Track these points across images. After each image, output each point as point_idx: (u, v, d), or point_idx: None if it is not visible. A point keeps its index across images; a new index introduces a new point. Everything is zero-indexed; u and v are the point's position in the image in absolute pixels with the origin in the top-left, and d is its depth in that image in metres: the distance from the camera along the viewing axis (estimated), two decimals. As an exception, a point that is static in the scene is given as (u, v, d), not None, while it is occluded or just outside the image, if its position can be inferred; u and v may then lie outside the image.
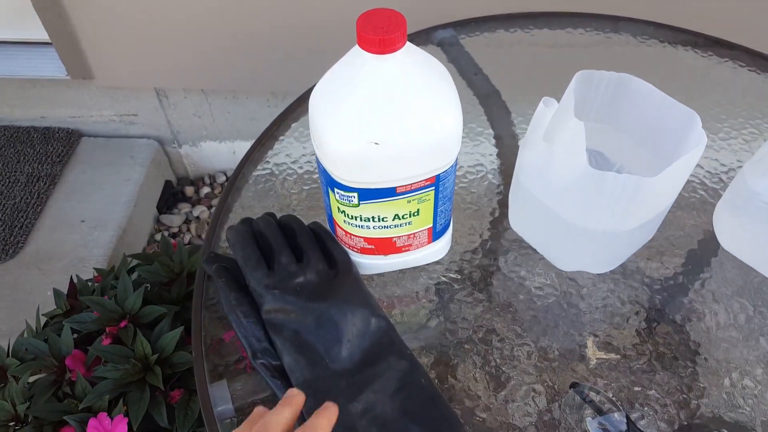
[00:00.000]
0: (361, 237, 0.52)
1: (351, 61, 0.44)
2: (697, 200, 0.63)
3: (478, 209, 0.63)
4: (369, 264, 0.55)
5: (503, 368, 0.51)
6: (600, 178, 0.46)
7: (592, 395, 0.48)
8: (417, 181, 0.47)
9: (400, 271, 0.57)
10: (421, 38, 0.82)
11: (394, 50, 0.42)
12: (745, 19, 0.97)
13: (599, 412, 0.47)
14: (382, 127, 0.44)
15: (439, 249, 0.56)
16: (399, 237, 0.52)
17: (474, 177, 0.66)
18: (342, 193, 0.48)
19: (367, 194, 0.48)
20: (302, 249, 0.53)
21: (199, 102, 1.27)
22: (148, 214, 1.29)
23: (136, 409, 0.64)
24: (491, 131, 0.71)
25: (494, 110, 0.74)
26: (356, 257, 0.55)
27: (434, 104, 0.45)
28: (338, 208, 0.50)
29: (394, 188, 0.47)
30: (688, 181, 0.65)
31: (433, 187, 0.49)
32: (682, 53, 0.79)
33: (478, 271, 0.58)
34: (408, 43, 0.43)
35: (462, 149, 0.68)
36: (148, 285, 0.77)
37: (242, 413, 0.49)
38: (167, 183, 1.37)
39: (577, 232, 0.51)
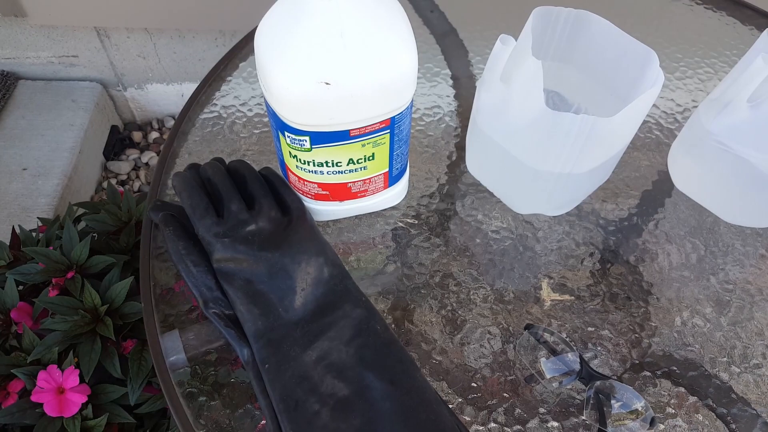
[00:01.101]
0: (315, 183, 0.50)
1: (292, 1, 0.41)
2: (653, 141, 0.63)
3: (435, 153, 0.62)
4: (324, 210, 0.54)
5: (459, 312, 0.51)
6: (557, 119, 0.45)
7: (546, 336, 0.48)
8: (371, 124, 0.45)
9: (357, 217, 0.56)
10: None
11: (342, -17, 0.39)
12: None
13: (553, 352, 0.48)
14: (333, 65, 0.41)
15: (395, 194, 0.55)
16: (354, 182, 0.51)
17: (431, 119, 0.65)
18: (293, 137, 0.46)
19: (320, 138, 0.45)
20: (253, 196, 0.51)
21: (143, 42, 1.20)
22: (94, 161, 1.23)
23: (87, 360, 0.63)
24: (448, 71, 0.69)
25: (451, 49, 0.72)
26: (310, 204, 0.53)
27: (388, 41, 0.42)
28: (290, 152, 0.48)
29: (348, 131, 0.45)
30: (644, 122, 0.65)
31: (388, 130, 0.47)
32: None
33: (434, 215, 0.57)
34: (360, -25, 0.40)
35: (418, 90, 0.67)
36: (95, 235, 0.74)
37: (195, 362, 0.48)
38: (113, 128, 1.30)
39: (533, 174, 0.50)
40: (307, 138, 0.45)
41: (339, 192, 0.51)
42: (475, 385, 0.48)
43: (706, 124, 0.52)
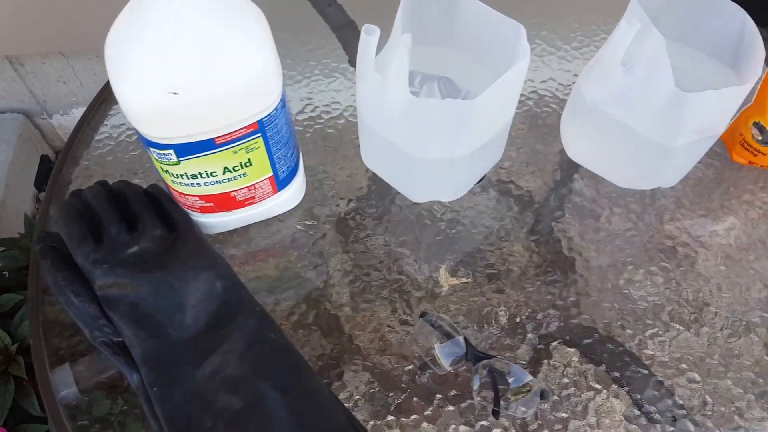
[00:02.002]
0: (195, 195, 0.49)
1: (133, 9, 0.40)
2: (551, 114, 0.63)
3: (335, 149, 0.61)
4: (213, 223, 0.52)
5: (360, 306, 0.50)
6: (425, 106, 0.45)
7: (440, 322, 0.48)
8: (236, 130, 0.44)
9: (253, 225, 0.55)
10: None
11: (176, -12, 0.38)
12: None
13: (448, 337, 0.47)
14: (179, 74, 0.40)
15: (290, 197, 0.54)
16: (237, 191, 0.49)
17: (330, 116, 0.63)
18: (158, 151, 0.44)
19: (185, 149, 0.44)
20: (136, 216, 0.49)
21: (60, 66, 1.17)
22: (24, 193, 1.20)
23: (0, 402, 0.61)
24: (347, 65, 0.68)
25: (350, 43, 0.71)
26: (197, 217, 0.52)
27: (236, 45, 0.41)
28: (161, 167, 0.46)
29: (212, 140, 0.44)
30: (541, 96, 0.64)
31: (259, 134, 0.46)
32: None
33: (335, 214, 0.56)
34: (196, -22, 0.39)
35: (316, 88, 0.66)
36: (5, 272, 0.72)
37: (88, 394, 0.47)
38: (44, 158, 1.27)
39: (416, 162, 0.50)
40: (171, 151, 0.44)
41: (224, 202, 0.50)
42: (374, 381, 0.47)
43: (584, 91, 0.52)
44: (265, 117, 0.45)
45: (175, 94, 0.40)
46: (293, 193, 0.54)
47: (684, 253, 0.54)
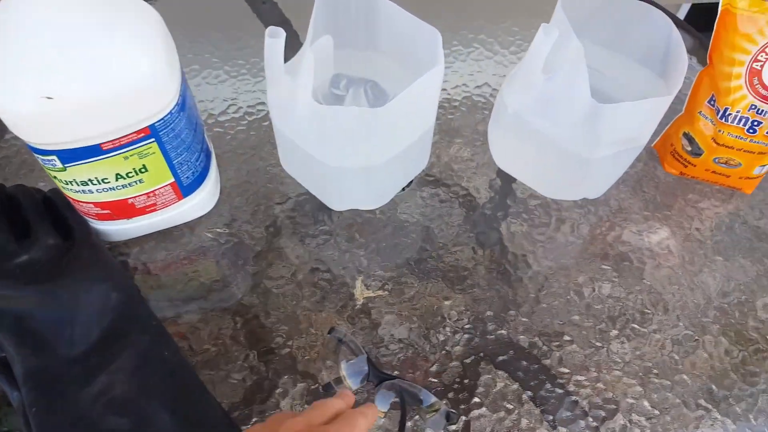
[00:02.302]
0: (89, 202, 0.46)
1: (6, 4, 0.36)
2: (483, 120, 0.61)
3: (256, 153, 0.58)
4: (112, 230, 0.49)
5: (269, 320, 0.48)
6: (332, 113, 0.42)
7: (347, 339, 0.46)
8: (124, 135, 0.41)
9: (159, 233, 0.52)
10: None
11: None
12: None
13: (355, 354, 0.45)
14: (53, 79, 0.37)
15: (198, 204, 0.51)
16: (135, 197, 0.47)
17: (254, 117, 0.61)
18: (41, 157, 0.41)
19: (69, 156, 0.41)
20: (29, 223, 0.46)
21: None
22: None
23: None
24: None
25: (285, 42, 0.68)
26: (96, 224, 0.49)
27: (119, 46, 0.38)
28: (50, 173, 0.43)
29: (98, 146, 0.41)
30: (475, 102, 0.62)
31: (153, 139, 0.43)
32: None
33: (251, 221, 0.53)
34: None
35: (241, 87, 0.63)
36: None
37: (-32, 415, 0.44)
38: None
39: (331, 170, 0.47)
40: (54, 157, 0.41)
41: (122, 210, 0.47)
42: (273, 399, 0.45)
43: (506, 99, 0.49)
44: (157, 121, 0.42)
45: (49, 98, 0.37)
46: (202, 200, 0.51)
47: (621, 262, 0.52)
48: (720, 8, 0.48)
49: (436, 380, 0.46)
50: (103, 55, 0.38)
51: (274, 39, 0.43)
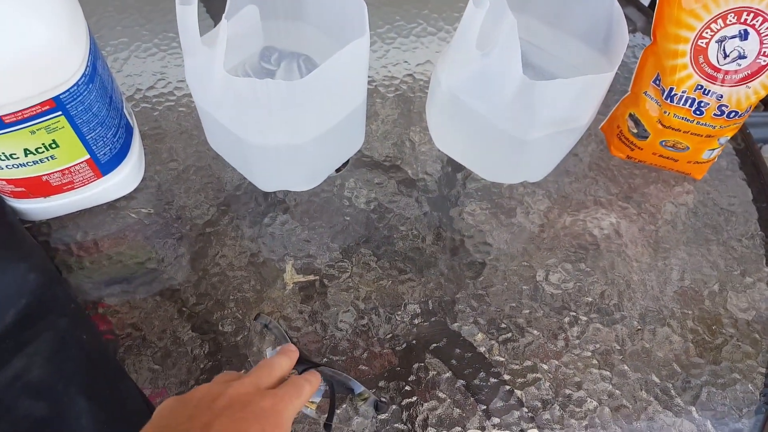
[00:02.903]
0: (1, 180, 0.44)
1: None
2: (423, 99, 0.59)
3: (185, 129, 0.55)
4: (30, 209, 0.47)
5: (196, 302, 0.46)
6: (248, 86, 0.40)
7: (272, 326, 0.44)
8: (27, 107, 0.39)
9: (82, 212, 0.50)
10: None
11: None
12: None
13: (280, 341, 0.43)
14: (-62, 42, 0.35)
15: (121, 181, 0.49)
16: (49, 174, 0.44)
17: (183, 92, 0.58)
18: (-61, 130, 0.39)
19: (-32, 128, 0.39)
20: (-62, 201, 0.44)
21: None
22: None
23: None
24: (220, 39, 0.63)
25: (217, 15, 0.65)
26: (12, 202, 0.47)
27: (12, 12, 0.36)
28: (-47, 148, 0.41)
29: (0, 118, 0.39)
30: (416, 80, 0.60)
31: (59, 112, 0.41)
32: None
33: (179, 201, 0.51)
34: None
35: (171, 62, 0.60)
36: None
37: None
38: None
39: (254, 148, 0.45)
40: (-48, 130, 0.39)
41: (37, 187, 0.45)
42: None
43: (440, 77, 0.47)
44: (62, 93, 0.40)
45: (-64, 65, 0.35)
46: (124, 179, 0.49)
47: (573, 249, 0.51)
48: (661, -18, 0.46)
49: (366, 368, 0.45)
50: (-5, 21, 0.35)
51: (185, 6, 0.40)
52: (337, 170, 0.53)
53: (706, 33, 0.45)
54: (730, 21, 0.44)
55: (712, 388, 0.46)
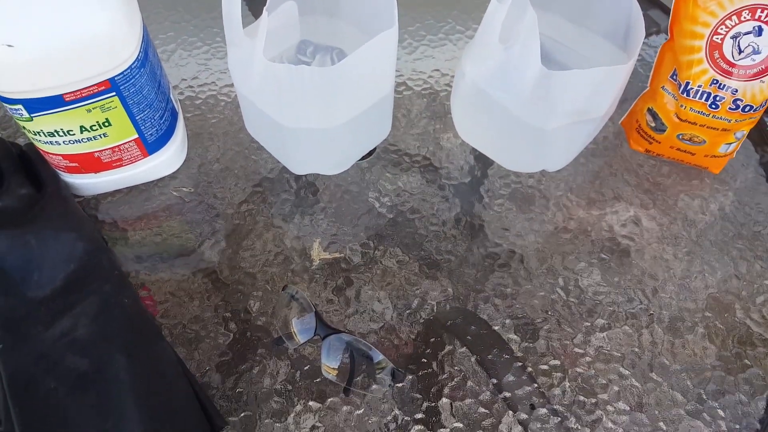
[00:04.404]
0: (57, 154, 0.48)
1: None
2: (449, 94, 0.61)
3: (223, 117, 0.59)
4: (81, 184, 0.52)
5: (229, 274, 0.50)
6: (285, 72, 0.44)
7: (299, 296, 0.47)
8: (85, 87, 0.43)
9: (129, 189, 0.54)
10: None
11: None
12: None
13: (306, 311, 0.47)
14: (15, 27, 0.39)
15: (165, 161, 0.53)
16: (101, 151, 0.49)
17: (224, 83, 0.62)
18: (8, 106, 0.44)
19: (34, 105, 0.43)
20: (3, 173, 0.49)
21: None
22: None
23: None
24: (259, 35, 0.67)
25: (259, 13, 0.69)
26: (67, 177, 0.51)
27: (75, 1, 0.40)
28: (19, 124, 0.46)
29: (61, 96, 0.43)
30: (443, 75, 0.63)
31: (113, 93, 0.45)
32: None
33: (218, 182, 0.55)
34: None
35: (215, 54, 0.64)
36: None
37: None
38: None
39: (289, 131, 0.48)
40: (20, 106, 0.43)
41: (89, 163, 0.49)
42: (228, 352, 0.47)
43: (465, 68, 0.50)
44: (117, 75, 0.44)
45: (10, 46, 0.39)
46: (168, 159, 0.53)
47: (598, 245, 0.53)
48: (677, -21, 0.48)
49: (385, 339, 0.47)
50: (62, 7, 0.39)
51: (231, 1, 0.44)
52: (364, 157, 0.56)
53: (721, 29, 0.47)
54: (745, 18, 0.46)
55: (742, 396, 0.46)
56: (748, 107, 0.49)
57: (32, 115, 0.44)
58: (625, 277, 0.51)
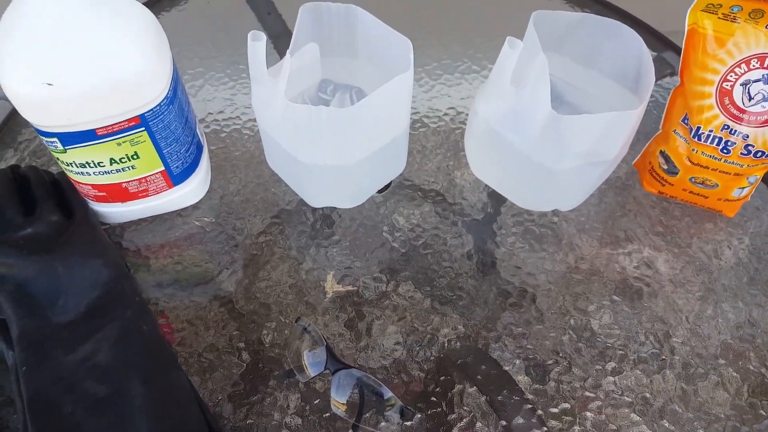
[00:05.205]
0: (88, 184, 0.51)
1: (18, 1, 0.42)
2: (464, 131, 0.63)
3: (245, 150, 0.62)
4: (109, 212, 0.54)
5: (245, 304, 0.51)
6: (304, 112, 0.46)
7: (311, 329, 0.48)
8: (117, 122, 0.46)
9: (153, 218, 0.56)
10: (220, -22, 0.78)
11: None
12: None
13: (317, 344, 0.48)
14: (55, 66, 0.42)
15: (189, 192, 0.55)
16: (129, 182, 0.51)
17: (248, 117, 0.64)
18: (45, 139, 0.46)
19: (69, 138, 0.46)
20: (36, 200, 0.52)
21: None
22: None
23: None
24: (283, 72, 0.70)
25: (284, 51, 0.72)
26: (95, 206, 0.53)
27: (112, 43, 0.43)
28: (53, 154, 0.48)
29: (93, 131, 0.46)
30: (458, 113, 0.65)
31: (143, 128, 0.47)
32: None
33: (238, 213, 0.57)
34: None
35: (240, 90, 0.67)
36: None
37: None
38: None
39: (306, 167, 0.50)
40: (56, 139, 0.46)
41: (117, 193, 0.52)
42: (241, 382, 0.48)
43: (478, 108, 0.52)
44: (147, 112, 0.46)
45: (50, 85, 0.42)
46: (192, 190, 0.55)
47: (614, 286, 0.53)
48: (687, 27, 0.49)
49: (395, 377, 0.48)
50: (100, 49, 0.42)
51: (256, 42, 0.47)
52: (380, 191, 0.58)
53: (731, 76, 0.48)
54: (754, 66, 0.47)
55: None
56: (759, 153, 0.49)
57: (66, 147, 0.47)
58: (637, 320, 0.51)
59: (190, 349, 0.49)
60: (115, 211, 0.54)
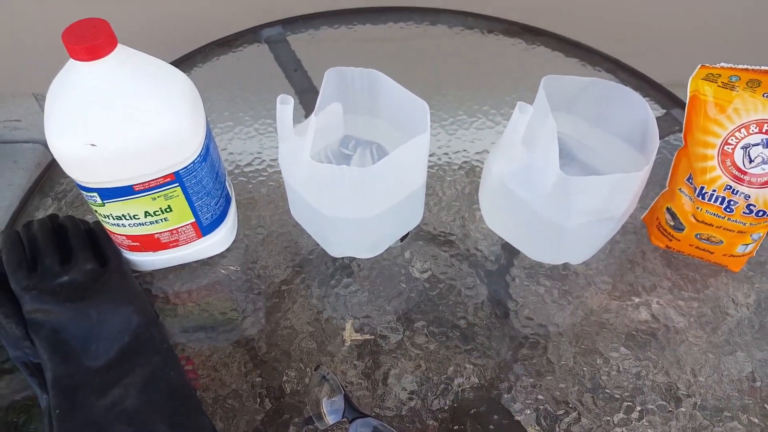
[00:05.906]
0: (122, 235, 0.54)
1: (67, 69, 0.46)
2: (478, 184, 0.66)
3: (270, 201, 0.65)
4: (141, 261, 0.57)
5: (267, 351, 0.54)
6: (327, 171, 0.49)
7: (330, 377, 0.50)
8: (153, 179, 0.49)
9: (181, 266, 0.59)
10: (248, 37, 0.83)
11: (100, 57, 0.44)
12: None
13: (336, 391, 0.49)
14: (97, 129, 0.45)
15: (216, 242, 0.59)
16: (161, 233, 0.54)
17: (274, 170, 0.68)
18: (85, 193, 0.50)
19: (108, 193, 0.49)
20: (73, 249, 0.55)
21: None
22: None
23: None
24: (305, 125, 0.74)
25: (310, 107, 0.76)
26: (128, 255, 0.57)
27: (154, 106, 0.46)
28: (92, 207, 0.52)
29: (131, 186, 0.49)
30: (473, 167, 0.68)
31: (177, 184, 0.51)
32: (493, 40, 0.82)
33: (263, 262, 0.60)
34: (123, 47, 0.45)
35: (267, 144, 0.71)
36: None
37: (3, 412, 0.51)
38: (60, 186, 1.37)
39: (328, 219, 0.53)
40: (95, 194, 0.49)
41: (149, 243, 0.55)
42: (262, 428, 0.50)
43: (491, 166, 0.55)
44: (181, 169, 0.50)
45: (93, 145, 0.45)
46: (220, 239, 0.59)
47: (630, 336, 0.55)
48: (689, 93, 0.52)
49: (410, 425, 0.50)
50: (139, 113, 0.46)
51: (284, 105, 0.50)
52: (399, 241, 0.61)
53: (731, 140, 0.50)
54: (753, 130, 0.49)
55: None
56: (761, 212, 0.51)
57: (105, 201, 0.50)
58: (648, 373, 0.53)
59: (214, 394, 0.51)
60: (146, 260, 0.57)
